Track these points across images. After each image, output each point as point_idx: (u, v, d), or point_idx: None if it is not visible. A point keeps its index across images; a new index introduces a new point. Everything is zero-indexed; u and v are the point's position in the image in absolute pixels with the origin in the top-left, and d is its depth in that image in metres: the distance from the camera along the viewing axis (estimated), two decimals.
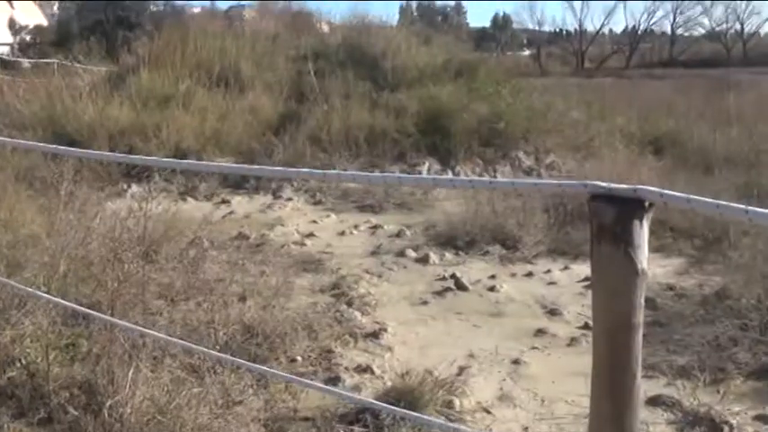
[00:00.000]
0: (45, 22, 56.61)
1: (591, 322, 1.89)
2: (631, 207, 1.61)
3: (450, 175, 10.29)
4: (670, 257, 6.44)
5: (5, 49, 44.29)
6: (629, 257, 1.61)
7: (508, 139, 11.09)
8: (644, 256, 1.63)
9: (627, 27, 67.04)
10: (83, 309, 3.71)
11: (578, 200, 7.41)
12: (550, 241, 6.89)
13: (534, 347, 4.60)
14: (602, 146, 10.99)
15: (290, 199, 9.13)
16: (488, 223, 7.10)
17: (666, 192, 1.59)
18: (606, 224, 1.62)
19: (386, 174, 7.71)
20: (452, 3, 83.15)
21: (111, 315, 3.84)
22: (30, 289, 3.89)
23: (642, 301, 1.65)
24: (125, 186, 9.04)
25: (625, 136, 11.76)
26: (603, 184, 1.65)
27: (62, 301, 3.78)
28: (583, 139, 11.62)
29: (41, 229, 5.61)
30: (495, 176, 10.39)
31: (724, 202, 1.54)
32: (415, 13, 72.48)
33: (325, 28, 20.97)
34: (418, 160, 10.57)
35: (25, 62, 29.16)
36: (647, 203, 1.61)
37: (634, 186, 1.62)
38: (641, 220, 1.61)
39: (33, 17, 56.04)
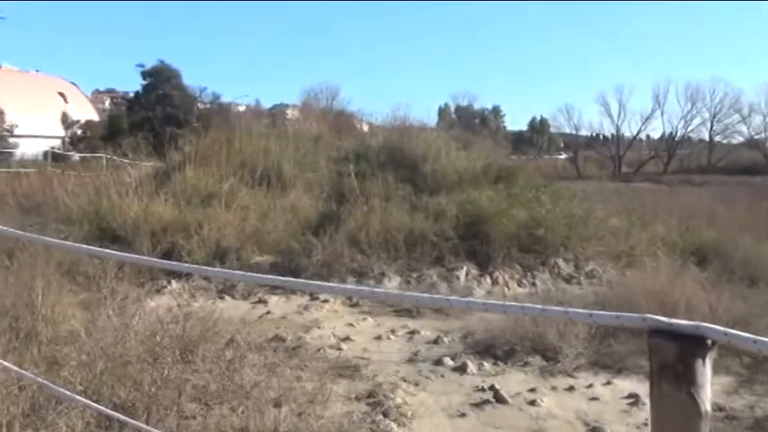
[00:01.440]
0: (96, 117, 59.01)
1: None
2: (694, 345, 1.55)
3: (488, 281, 10.23)
4: (717, 375, 6.18)
5: (57, 143, 46.07)
6: (692, 398, 1.54)
7: (548, 246, 11.00)
8: (707, 396, 1.56)
9: (664, 133, 67.45)
10: (117, 414, 3.67)
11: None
12: (592, 353, 6.70)
13: None
14: (644, 255, 10.80)
15: (326, 300, 9.09)
16: (528, 332, 6.94)
17: (731, 331, 1.54)
18: (667, 362, 1.56)
19: (413, 294, 7.64)
20: (490, 106, 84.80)
21: (147, 420, 3.80)
22: (66, 391, 3.88)
23: None
24: (165, 283, 9.14)
25: (666, 245, 11.57)
26: (664, 320, 1.60)
27: (97, 406, 3.75)
28: (623, 247, 11.45)
29: (81, 326, 5.65)
30: (534, 283, 10.29)
31: None
32: (454, 115, 74.05)
33: (366, 128, 21.52)
34: (456, 264, 10.51)
35: (75, 156, 30.21)
36: (709, 341, 1.56)
37: (696, 324, 1.57)
38: (704, 359, 1.56)
39: (85, 112, 58.54)
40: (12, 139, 43.25)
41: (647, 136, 71.82)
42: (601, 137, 69.51)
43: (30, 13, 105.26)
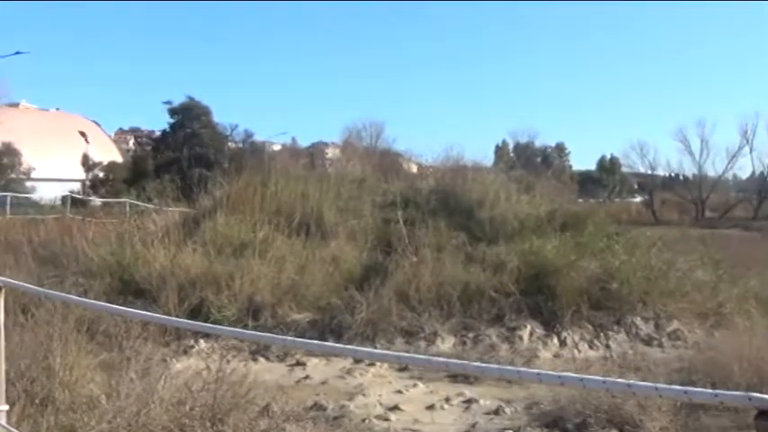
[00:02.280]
0: (119, 159, 60.53)
1: None
2: None
3: (555, 342, 10.08)
4: None
5: (77, 186, 47.27)
6: None
7: (623, 302, 10.81)
8: None
9: (754, 172, 66.16)
10: None
11: (714, 376, 7.09)
12: (679, 428, 6.49)
13: None
14: (735, 313, 10.54)
15: (372, 364, 9.02)
16: (603, 403, 6.76)
17: None
18: None
19: (477, 364, 7.56)
20: (553, 143, 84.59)
21: None
22: None
23: None
24: (193, 342, 9.23)
25: (761, 301, 11.27)
26: None
27: None
28: (711, 304, 11.20)
29: (101, 391, 5.71)
30: (608, 345, 10.11)
31: None
32: (512, 154, 73.97)
33: (415, 170, 21.61)
34: (518, 323, 10.39)
35: (96, 200, 30.98)
36: None
37: None
38: None
39: (108, 153, 60.11)
40: (29, 183, 44.56)
41: (734, 176, 70.60)
42: (680, 177, 68.53)
43: (50, 47, 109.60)
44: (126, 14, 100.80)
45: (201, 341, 9.36)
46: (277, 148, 67.85)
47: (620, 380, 2.07)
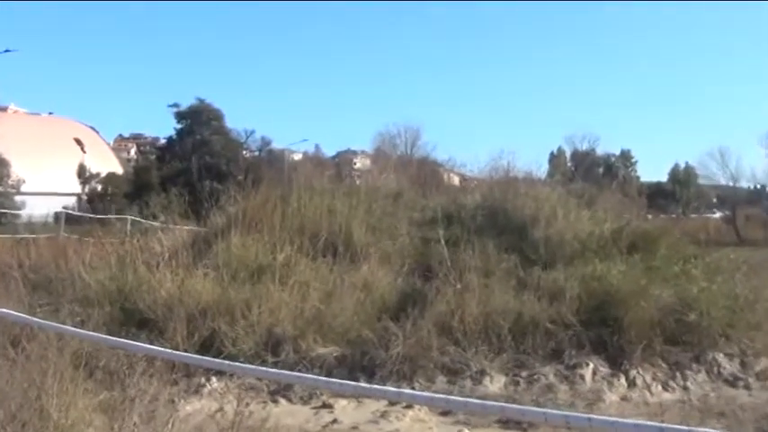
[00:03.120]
0: (119, 169, 61.29)
1: None
2: None
3: (622, 382, 9.98)
4: None
5: (72, 201, 47.75)
6: None
7: (702, 336, 10.70)
8: None
9: None
10: None
11: None
12: None
13: None
14: None
15: (410, 406, 8.98)
16: None
17: None
18: None
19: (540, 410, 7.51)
20: (617, 151, 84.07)
21: None
22: None
23: None
24: (204, 381, 9.25)
25: None
26: None
27: None
28: None
29: None
30: (685, 386, 9.98)
31: None
32: (570, 164, 73.62)
33: (458, 182, 21.59)
34: (580, 360, 10.30)
35: (93, 218, 31.27)
36: None
37: None
38: None
39: (107, 163, 60.87)
40: (18, 197, 45.10)
41: None
42: None
43: (42, 46, 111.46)
44: (126, 10, 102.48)
45: (214, 379, 9.37)
46: (298, 157, 68.23)
47: (703, 429, 2.04)
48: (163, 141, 62.29)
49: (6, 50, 37.65)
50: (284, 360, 9.90)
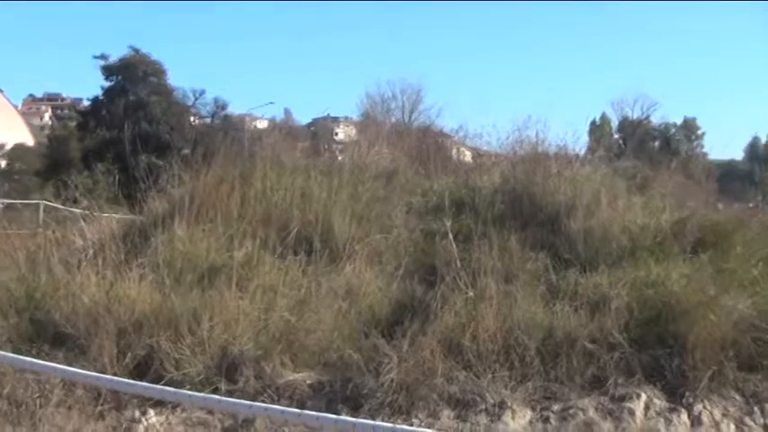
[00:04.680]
0: (30, 140, 61.04)
1: None
2: None
3: (684, 419, 9.98)
4: None
5: None
6: None
7: None
8: None
9: None
10: None
11: None
12: None
13: None
14: None
15: None
16: None
17: None
18: None
19: None
20: (678, 120, 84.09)
21: None
22: None
23: None
24: (139, 414, 9.20)
25: None
26: None
27: None
28: None
29: None
30: (765, 424, 9.99)
31: None
32: (616, 135, 73.51)
33: (470, 157, 21.47)
34: (628, 390, 10.28)
35: None
36: None
37: None
38: None
39: (12, 132, 60.53)
40: None
41: None
42: None
43: None
44: None
45: (152, 412, 9.33)
46: (263, 125, 67.95)
47: None
48: (86, 104, 62.13)
49: None
50: (243, 388, 9.88)
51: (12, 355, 6.89)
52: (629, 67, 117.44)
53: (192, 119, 56.59)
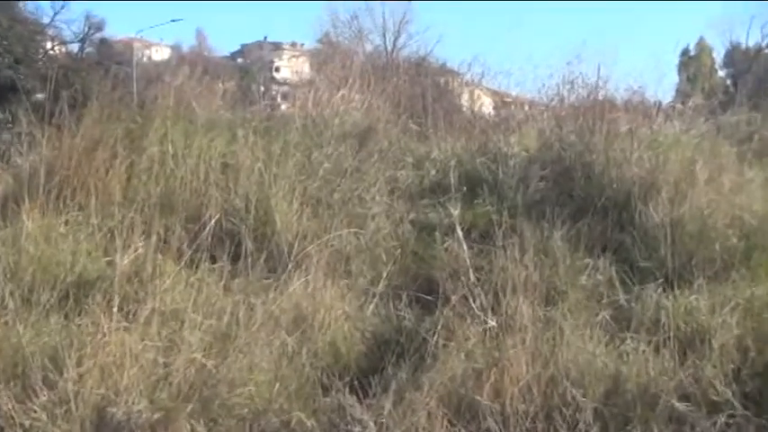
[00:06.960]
0: None
1: None
2: None
3: None
4: None
5: None
6: None
7: None
8: None
9: None
10: None
11: None
12: None
13: None
14: None
15: None
16: None
17: None
18: None
19: None
20: None
21: None
22: None
23: None
24: None
25: None
26: None
27: None
28: None
29: None
30: None
31: None
32: (721, 72, 73.85)
33: (491, 108, 21.22)
34: None
35: None
36: None
37: None
38: None
39: None
40: None
41: None
42: None
43: None
44: None
45: None
46: (162, 55, 68.38)
47: None
48: None
49: None
50: None
51: None
52: None
53: (49, 45, 56.45)
